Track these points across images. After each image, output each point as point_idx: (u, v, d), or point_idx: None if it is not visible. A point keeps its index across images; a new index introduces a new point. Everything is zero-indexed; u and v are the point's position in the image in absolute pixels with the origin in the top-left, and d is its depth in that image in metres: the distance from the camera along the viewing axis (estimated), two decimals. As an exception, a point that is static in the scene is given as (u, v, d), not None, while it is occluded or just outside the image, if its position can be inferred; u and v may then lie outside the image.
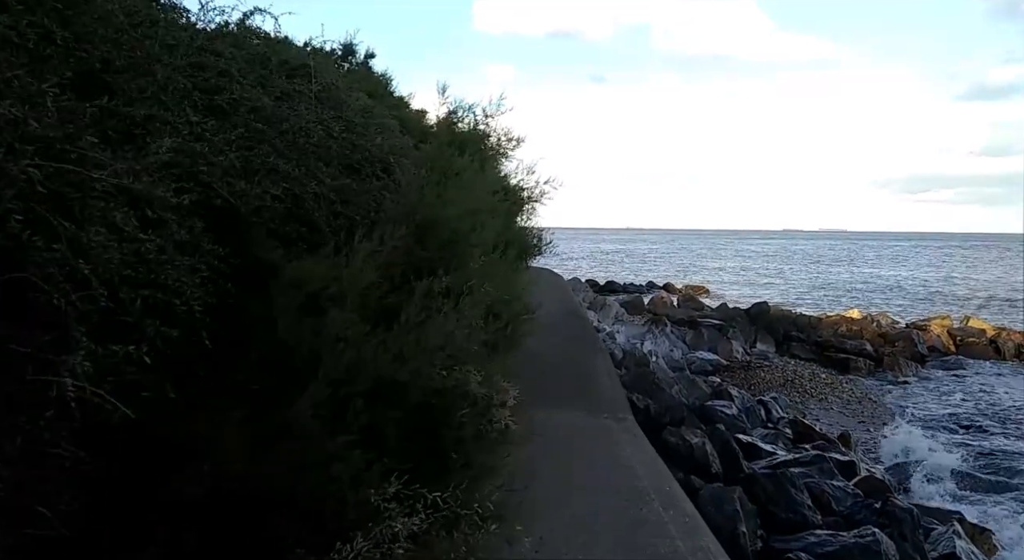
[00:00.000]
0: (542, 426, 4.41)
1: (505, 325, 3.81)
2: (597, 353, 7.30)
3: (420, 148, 5.76)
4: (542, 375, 5.70)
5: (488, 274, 3.95)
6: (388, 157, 5.15)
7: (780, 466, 8.51)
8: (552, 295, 12.17)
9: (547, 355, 6.21)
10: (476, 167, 5.30)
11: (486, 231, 4.36)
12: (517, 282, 4.50)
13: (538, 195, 6.69)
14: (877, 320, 23.65)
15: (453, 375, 2.92)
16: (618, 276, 48.35)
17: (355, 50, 10.24)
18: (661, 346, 17.91)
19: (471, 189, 4.64)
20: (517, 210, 6.55)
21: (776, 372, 18.10)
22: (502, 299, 3.91)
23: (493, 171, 6.19)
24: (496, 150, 6.48)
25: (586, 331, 8.83)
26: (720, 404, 12.46)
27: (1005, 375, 19.46)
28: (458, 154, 5.56)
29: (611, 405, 5.28)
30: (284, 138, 3.80)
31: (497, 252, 4.40)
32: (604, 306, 21.72)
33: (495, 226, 4.76)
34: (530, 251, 6.72)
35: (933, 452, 12.31)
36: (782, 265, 70.62)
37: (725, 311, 24.40)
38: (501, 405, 3.02)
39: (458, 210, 4.15)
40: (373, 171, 4.85)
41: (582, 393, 5.47)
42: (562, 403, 5.15)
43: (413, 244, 3.88)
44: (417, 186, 4.07)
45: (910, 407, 16.01)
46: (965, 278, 54.11)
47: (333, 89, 5.04)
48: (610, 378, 6.27)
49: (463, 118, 6.28)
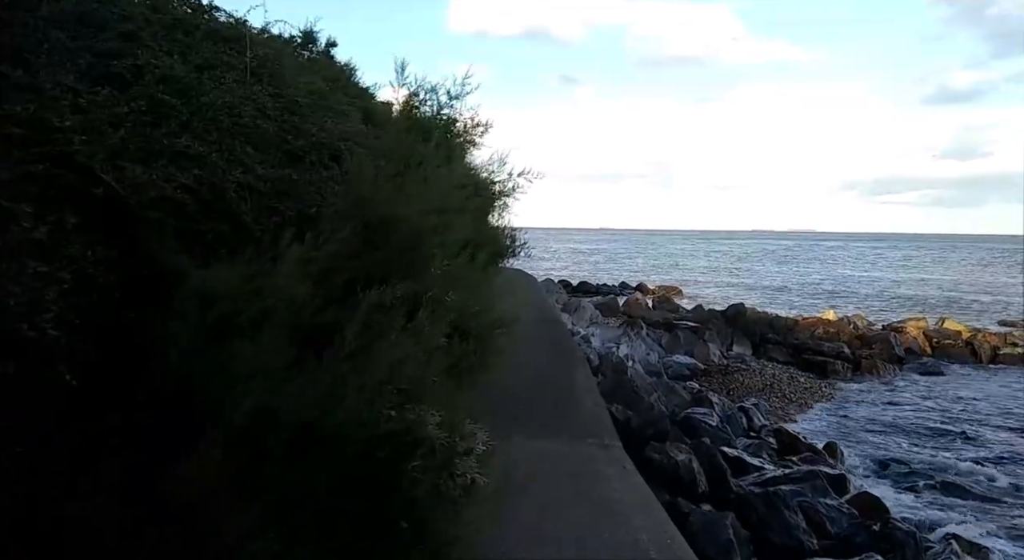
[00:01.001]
0: (515, 463, 3.77)
1: (473, 346, 3.15)
2: (576, 365, 6.67)
3: (379, 136, 5.08)
4: (515, 394, 5.06)
5: (454, 282, 3.29)
6: (339, 144, 4.47)
7: (770, 483, 7.96)
8: (526, 299, 11.53)
9: (521, 369, 5.57)
10: (441, 157, 4.63)
11: (452, 231, 3.70)
12: (488, 290, 3.85)
13: (511, 189, 6.05)
14: (854, 322, 23.38)
15: (404, 416, 2.25)
16: (591, 277, 47.91)
17: (316, 38, 9.50)
18: (637, 350, 17.35)
19: (435, 182, 3.98)
20: (488, 206, 5.90)
21: (755, 376, 17.67)
22: (470, 311, 3.25)
23: (460, 162, 5.53)
24: (463, 137, 5.82)
25: (563, 339, 8.20)
26: (701, 412, 11.93)
27: (983, 380, 19.23)
28: (421, 142, 4.90)
29: (595, 428, 4.65)
30: (202, 116, 3.10)
31: (465, 255, 3.74)
32: (578, 308, 21.13)
33: (463, 225, 4.10)
34: (503, 253, 6.07)
35: (915, 464, 11.90)
36: (754, 265, 70.81)
37: (701, 313, 23.96)
38: (466, 453, 2.36)
39: (419, 206, 3.49)
40: (320, 160, 4.17)
41: (561, 415, 4.83)
42: (539, 428, 4.51)
43: (362, 247, 3.21)
44: (370, 178, 3.40)
45: (891, 412, 15.64)
46: (937, 279, 54.57)
47: (274, 64, 4.34)
48: (592, 395, 5.64)
49: (425, 101, 5.60)
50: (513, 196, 6.34)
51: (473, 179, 5.78)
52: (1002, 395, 17.33)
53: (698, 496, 7.21)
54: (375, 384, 2.22)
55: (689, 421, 10.06)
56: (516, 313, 7.95)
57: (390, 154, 4.24)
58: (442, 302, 3.09)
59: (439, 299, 3.08)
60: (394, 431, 2.12)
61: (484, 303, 3.51)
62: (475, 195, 5.79)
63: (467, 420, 2.55)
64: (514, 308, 8.55)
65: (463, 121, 5.94)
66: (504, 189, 6.07)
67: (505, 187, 6.07)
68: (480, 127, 5.93)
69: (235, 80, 3.57)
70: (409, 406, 2.27)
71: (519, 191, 6.13)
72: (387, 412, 2.23)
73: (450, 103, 5.83)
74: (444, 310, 3.10)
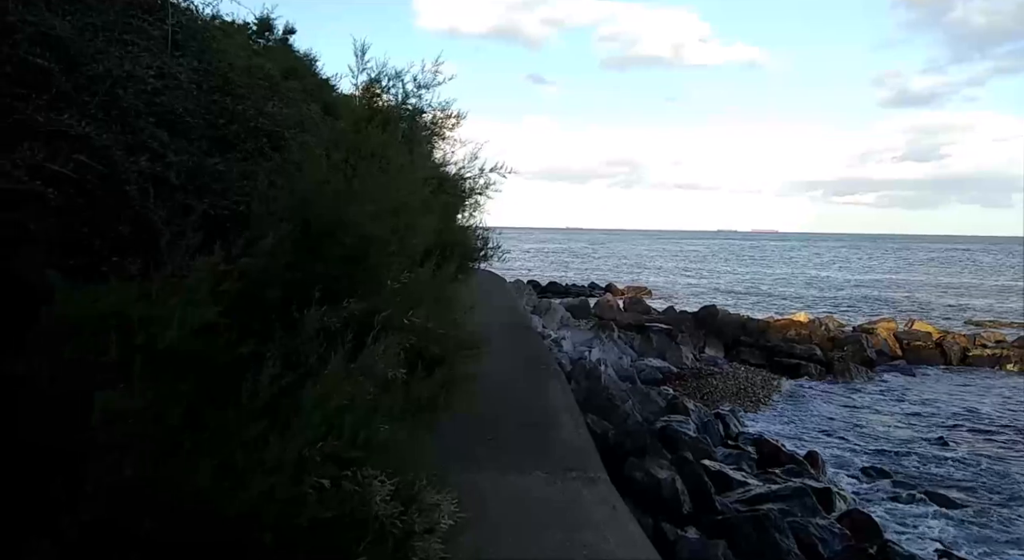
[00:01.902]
0: (487, 509, 3.19)
1: (439, 377, 2.55)
2: (552, 379, 6.08)
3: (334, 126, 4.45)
4: (484, 416, 4.46)
5: (416, 297, 2.69)
6: (282, 132, 3.83)
7: (756, 501, 7.48)
8: (496, 303, 10.95)
9: (492, 387, 4.97)
10: (403, 148, 4.02)
11: (415, 234, 3.10)
12: (458, 303, 3.26)
13: (483, 186, 5.45)
14: (825, 324, 23.18)
15: (344, 489, 1.66)
16: (560, 277, 47.48)
17: (272, 25, 8.80)
18: (610, 354, 16.86)
19: (396, 176, 3.37)
20: (458, 205, 5.31)
21: (728, 380, 17.32)
22: (435, 333, 2.66)
23: (427, 155, 4.93)
24: (432, 129, 5.21)
25: (538, 349, 7.62)
26: (677, 420, 11.48)
27: (955, 382, 19.12)
28: (382, 132, 4.29)
29: (577, 458, 4.08)
30: (94, 89, 2.46)
31: (431, 262, 3.14)
32: (549, 310, 20.57)
33: (428, 226, 3.50)
34: (473, 256, 5.48)
35: (896, 473, 11.57)
36: (721, 265, 71.05)
37: (672, 314, 23.60)
38: (428, 532, 1.76)
39: (373, 205, 2.88)
40: (258, 149, 3.54)
41: (538, 443, 4.25)
42: (512, 460, 3.92)
43: (303, 255, 2.60)
44: (316, 171, 2.79)
45: (867, 416, 15.36)
46: (902, 279, 55.17)
47: (203, 35, 3.69)
48: (571, 415, 5.06)
49: (388, 88, 4.98)
50: (485, 194, 5.75)
51: (441, 174, 5.18)
52: (974, 397, 17.20)
53: (683, 518, 6.70)
54: (302, 445, 1.62)
55: (668, 432, 9.56)
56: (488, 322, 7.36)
57: (344, 144, 3.62)
58: (400, 324, 2.49)
59: (396, 320, 2.49)
60: (321, 517, 1.52)
61: (452, 320, 2.92)
62: (443, 192, 5.19)
63: (429, 478, 1.96)
64: (484, 317, 7.96)
65: (432, 112, 5.34)
66: (476, 186, 5.48)
67: (476, 184, 5.48)
68: (451, 119, 5.33)
69: (147, 49, 2.93)
70: (350, 473, 1.67)
71: (492, 187, 5.54)
72: (319, 484, 1.63)
73: (417, 92, 5.21)
74: (403, 334, 2.50)
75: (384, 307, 2.48)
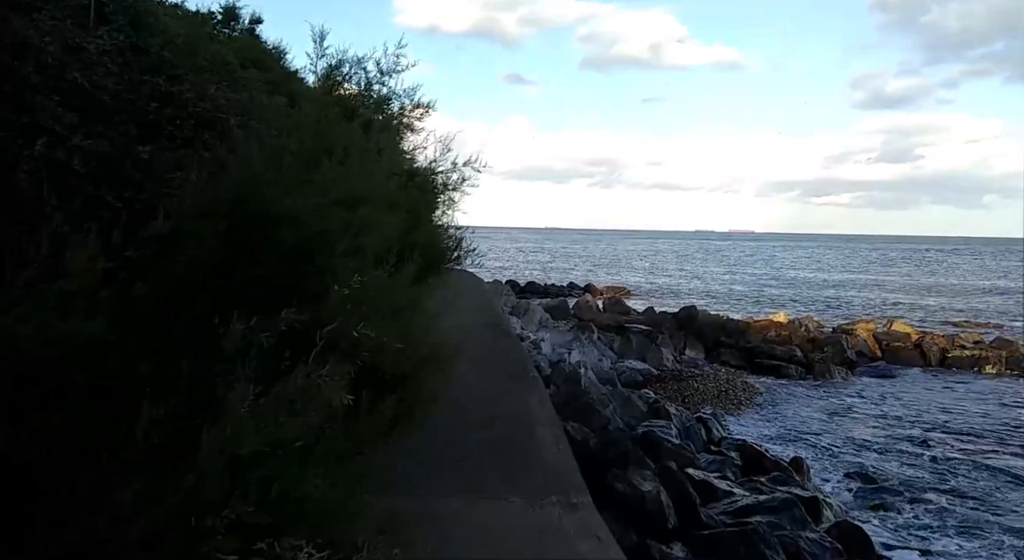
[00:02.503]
0: (452, 541, 2.81)
1: (394, 402, 2.16)
2: (532, 388, 5.70)
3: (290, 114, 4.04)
4: (455, 433, 4.08)
5: (370, 304, 2.30)
6: (227, 118, 3.42)
7: (743, 513, 7.17)
8: (473, 304, 10.56)
9: (465, 398, 4.60)
10: (365, 137, 3.63)
11: (371, 233, 2.71)
12: (424, 310, 2.87)
13: (457, 182, 5.06)
14: (805, 325, 23.02)
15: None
16: (539, 277, 47.15)
17: (238, 15, 8.35)
18: (589, 356, 16.54)
19: (353, 167, 2.98)
20: (430, 201, 4.91)
21: (709, 382, 17.04)
22: (391, 348, 2.27)
23: (393, 146, 4.52)
24: (399, 119, 4.81)
25: (516, 355, 7.23)
26: (659, 425, 11.17)
27: (935, 383, 19.04)
28: (344, 121, 3.89)
29: (558, 480, 3.71)
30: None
31: (390, 263, 2.75)
32: (527, 311, 20.20)
33: (393, 223, 3.11)
34: (445, 257, 5.09)
35: (881, 478, 11.35)
36: (699, 266, 71.13)
37: (652, 315, 23.33)
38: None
39: (324, 198, 2.50)
40: (197, 136, 3.13)
41: (514, 461, 3.87)
42: (484, 481, 3.54)
43: (233, 256, 2.20)
44: (256, 159, 2.39)
45: (848, 419, 15.18)
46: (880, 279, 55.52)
47: (137, 9, 3.27)
48: (552, 430, 4.67)
49: (351, 76, 4.58)
50: (460, 189, 5.35)
51: (409, 167, 4.78)
52: (954, 399, 17.11)
53: (668, 533, 6.36)
54: (194, 510, 1.23)
55: (650, 439, 9.23)
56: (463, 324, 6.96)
57: (297, 133, 3.22)
58: (350, 338, 2.10)
59: (346, 334, 2.10)
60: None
61: (416, 330, 2.54)
62: (413, 187, 4.80)
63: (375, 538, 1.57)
64: (459, 319, 7.57)
65: (398, 100, 4.94)
66: (448, 181, 5.08)
67: (449, 179, 5.08)
68: (419, 108, 4.93)
69: (55, 18, 2.51)
70: (264, 545, 1.28)
71: (467, 182, 5.15)
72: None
73: (381, 78, 4.81)
74: (354, 349, 2.11)
75: (331, 318, 2.09)
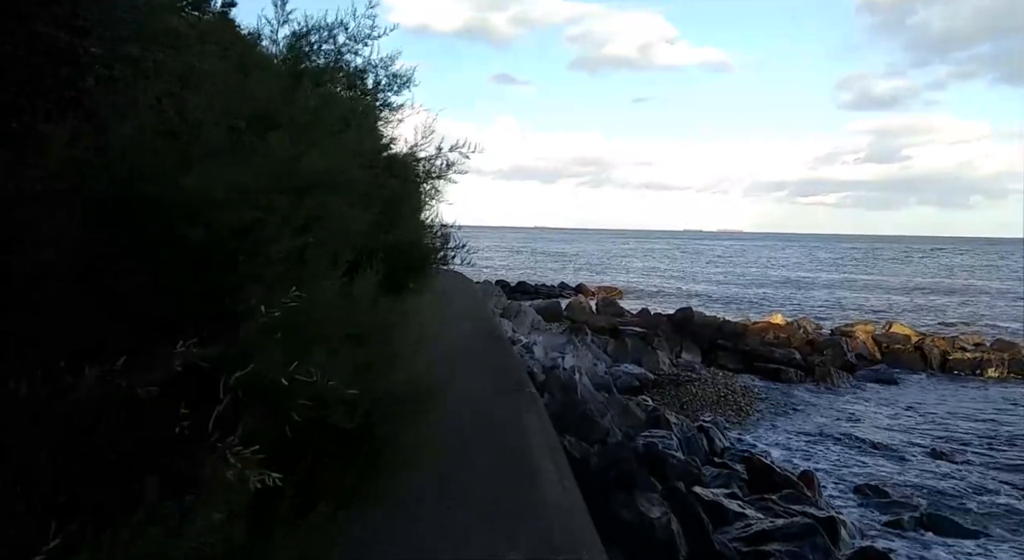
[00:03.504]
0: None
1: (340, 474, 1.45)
2: (529, 407, 4.98)
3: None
4: (442, 471, 3.37)
5: (314, 330, 1.59)
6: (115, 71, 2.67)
7: (760, 540, 6.49)
8: (462, 308, 9.85)
9: (453, 421, 3.88)
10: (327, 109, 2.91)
11: (326, 228, 1.99)
12: (399, 335, 2.15)
13: (442, 168, 4.33)
14: (803, 327, 22.43)
15: None
16: (529, 277, 46.42)
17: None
18: (583, 360, 15.83)
19: (301, 141, 2.26)
20: (411, 192, 4.19)
21: (707, 387, 16.40)
22: (341, 394, 1.56)
23: (366, 123, 3.80)
24: (371, 95, 4.08)
25: (510, 366, 6.50)
26: (659, 435, 10.51)
27: (939, 388, 18.48)
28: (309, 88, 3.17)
29: (566, 532, 3.02)
30: None
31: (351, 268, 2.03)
32: (519, 313, 19.47)
33: (361, 217, 2.40)
34: (430, 258, 4.38)
35: (893, 491, 10.72)
36: (690, 266, 70.59)
37: (647, 317, 22.66)
38: None
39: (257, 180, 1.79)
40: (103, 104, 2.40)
41: (514, 507, 3.16)
42: (478, 537, 2.85)
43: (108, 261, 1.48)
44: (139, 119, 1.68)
45: (853, 426, 14.56)
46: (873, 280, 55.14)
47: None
48: (556, 462, 3.95)
49: (318, 45, 3.85)
50: (446, 178, 4.62)
51: (387, 151, 4.06)
52: (961, 405, 16.54)
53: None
54: None
55: (654, 454, 8.54)
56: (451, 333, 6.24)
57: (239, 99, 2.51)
58: (277, 382, 1.39)
59: (271, 376, 1.39)
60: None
61: (384, 364, 1.83)
62: (392, 175, 4.08)
63: None
64: (447, 328, 6.84)
65: (373, 72, 4.22)
66: (432, 168, 4.36)
67: (434, 166, 4.36)
68: (398, 79, 4.20)
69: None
70: None
71: (454, 169, 4.42)
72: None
73: (354, 47, 4.09)
74: (280, 400, 1.40)
75: (246, 354, 1.38)
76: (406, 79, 4.29)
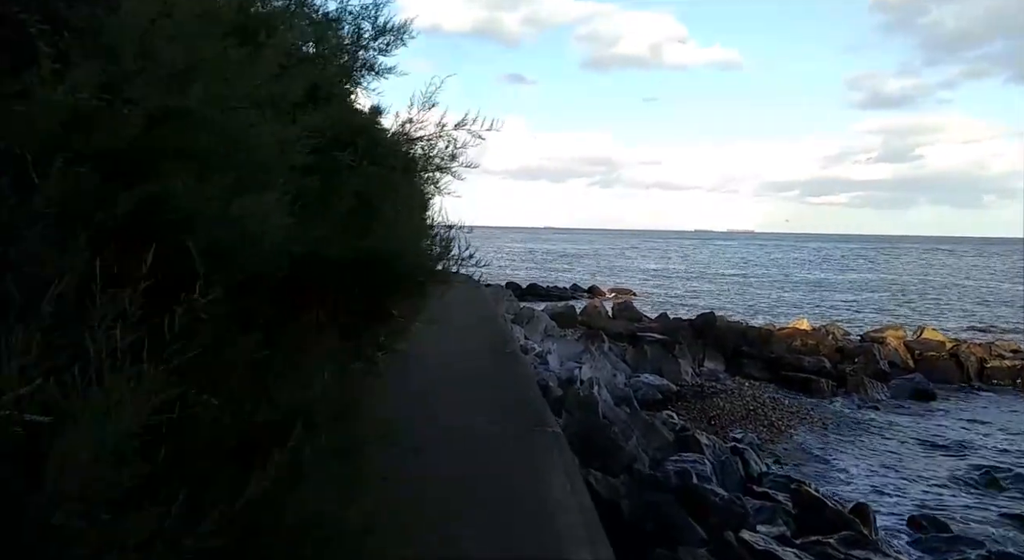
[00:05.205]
0: None
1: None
2: (552, 451, 3.88)
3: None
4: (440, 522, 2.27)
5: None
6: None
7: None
8: (470, 318, 8.75)
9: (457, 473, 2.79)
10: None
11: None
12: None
13: (447, 156, 3.23)
14: (832, 333, 21.20)
15: None
16: (540, 278, 45.25)
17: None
18: (602, 370, 14.68)
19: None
20: (398, 185, 3.10)
21: (734, 399, 15.24)
22: None
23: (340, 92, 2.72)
24: (353, 55, 3.00)
25: (527, 394, 5.41)
26: (690, 460, 9.39)
27: (984, 403, 17.18)
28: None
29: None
30: None
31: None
32: (531, 319, 18.34)
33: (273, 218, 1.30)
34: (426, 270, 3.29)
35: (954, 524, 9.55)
36: (704, 268, 69.17)
37: (667, 322, 21.49)
38: None
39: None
40: None
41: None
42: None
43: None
44: None
45: (896, 445, 13.38)
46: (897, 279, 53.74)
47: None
48: (591, 535, 2.89)
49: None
50: (449, 171, 3.53)
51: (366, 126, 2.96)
52: (1012, 425, 15.17)
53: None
54: None
55: (692, 493, 7.37)
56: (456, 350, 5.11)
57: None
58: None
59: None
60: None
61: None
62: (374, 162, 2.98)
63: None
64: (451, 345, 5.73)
65: (351, 25, 3.11)
66: (432, 153, 3.27)
67: (434, 149, 3.27)
68: (387, 34, 3.11)
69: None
70: None
71: (461, 160, 3.33)
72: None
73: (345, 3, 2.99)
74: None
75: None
76: (400, 31, 3.18)
